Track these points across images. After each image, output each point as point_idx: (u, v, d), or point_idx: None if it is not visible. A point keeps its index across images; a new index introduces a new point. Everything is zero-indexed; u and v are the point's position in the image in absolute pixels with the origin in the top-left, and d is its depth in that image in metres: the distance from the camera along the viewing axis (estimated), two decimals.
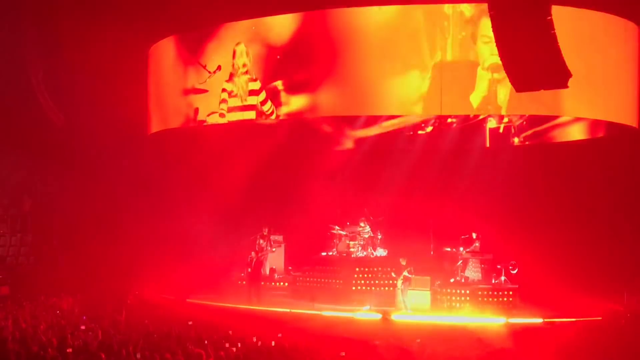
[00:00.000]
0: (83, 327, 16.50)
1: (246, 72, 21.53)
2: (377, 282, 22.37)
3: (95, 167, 24.71)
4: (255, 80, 21.41)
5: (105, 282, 22.84)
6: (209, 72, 22.08)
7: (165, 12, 22.67)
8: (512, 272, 20.79)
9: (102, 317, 18.20)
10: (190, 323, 17.26)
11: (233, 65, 21.73)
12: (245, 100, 21.60)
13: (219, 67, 21.93)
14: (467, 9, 19.98)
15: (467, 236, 21.76)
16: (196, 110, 22.63)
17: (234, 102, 21.85)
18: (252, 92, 21.53)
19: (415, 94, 20.20)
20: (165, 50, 23.56)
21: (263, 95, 21.26)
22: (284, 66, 21.04)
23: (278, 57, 21.00)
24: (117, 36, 23.28)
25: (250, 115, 21.60)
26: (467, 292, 20.48)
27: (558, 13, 17.37)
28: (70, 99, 24.79)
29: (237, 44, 21.65)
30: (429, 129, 24.36)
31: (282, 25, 21.09)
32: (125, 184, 24.86)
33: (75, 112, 24.77)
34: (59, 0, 23.54)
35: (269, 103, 21.21)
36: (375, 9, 20.27)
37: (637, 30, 21.27)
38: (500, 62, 14.93)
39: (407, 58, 20.17)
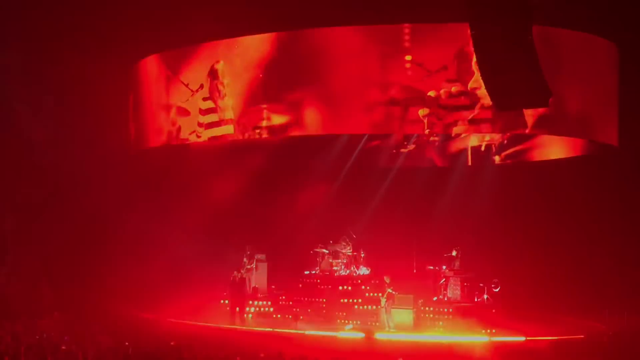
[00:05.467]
0: (64, 348, 16.35)
1: (224, 92, 21.55)
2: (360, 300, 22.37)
3: (78, 186, 24.58)
4: (231, 98, 21.45)
5: (87, 302, 22.68)
6: (192, 91, 22.08)
7: (147, 31, 22.69)
8: (494, 290, 20.81)
9: (83, 337, 18.04)
10: (172, 344, 17.14)
11: (213, 83, 21.76)
12: (223, 116, 21.63)
13: (202, 86, 21.94)
14: None
15: (449, 254, 21.78)
16: (179, 129, 22.61)
17: (210, 118, 21.87)
18: (227, 109, 21.56)
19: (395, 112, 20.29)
20: (147, 69, 23.54)
21: (237, 111, 21.33)
22: (265, 84, 21.07)
23: (260, 75, 21.04)
24: (99, 55, 23.26)
25: (228, 130, 21.61)
26: (450, 310, 20.47)
27: (539, 33, 17.57)
28: (53, 118, 24.69)
29: (217, 62, 21.67)
30: (411, 146, 24.46)
31: (263, 45, 21.14)
32: (108, 202, 24.73)
33: (58, 131, 24.67)
34: (41, 19, 23.48)
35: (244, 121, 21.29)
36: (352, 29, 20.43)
37: (616, 49, 21.48)
38: None
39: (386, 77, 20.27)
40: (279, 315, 23.04)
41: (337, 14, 20.52)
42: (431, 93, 19.80)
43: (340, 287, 22.29)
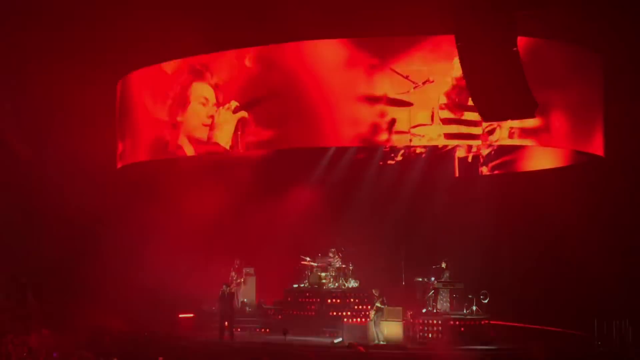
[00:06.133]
0: None
1: (210, 107, 21.57)
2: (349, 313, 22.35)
3: (64, 201, 24.51)
4: (216, 112, 21.46)
5: (75, 318, 22.57)
6: (178, 105, 22.07)
7: (132, 46, 22.72)
8: (483, 301, 20.84)
9: (71, 353, 17.95)
10: (160, 359, 17.09)
11: (199, 98, 21.79)
12: (210, 131, 21.64)
13: (188, 101, 21.93)
14: None
15: (438, 266, 21.80)
16: (166, 143, 22.59)
17: (198, 133, 21.88)
18: (214, 125, 21.57)
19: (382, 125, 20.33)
20: (135, 83, 23.52)
21: (224, 126, 21.36)
22: (252, 98, 21.10)
23: (247, 89, 21.06)
24: (85, 69, 23.27)
25: (216, 144, 21.64)
26: (439, 322, 20.46)
27: (524, 44, 17.69)
28: (37, 133, 24.66)
29: (203, 77, 21.69)
30: (399, 158, 24.49)
31: (247, 58, 21.18)
32: (95, 217, 24.68)
33: (43, 146, 24.63)
34: (25, 33, 23.47)
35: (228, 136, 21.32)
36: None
37: (601, 59, 21.61)
38: None
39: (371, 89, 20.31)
40: (267, 329, 23.01)
41: (322, 26, 20.60)
42: (417, 104, 19.88)
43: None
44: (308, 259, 23.82)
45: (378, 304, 20.45)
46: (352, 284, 23.19)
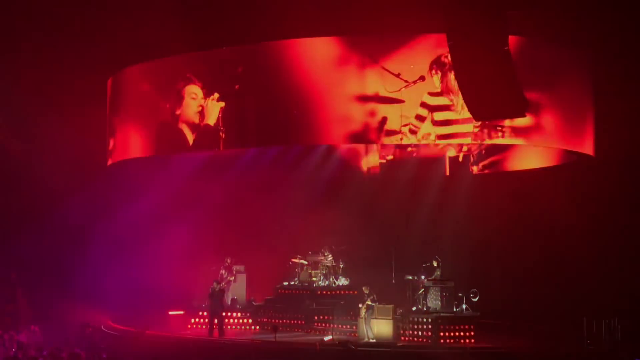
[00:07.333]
0: None
1: (203, 105, 21.55)
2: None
3: (54, 197, 24.45)
4: (204, 103, 21.47)
5: (65, 315, 22.53)
6: (171, 104, 22.05)
7: (124, 43, 22.68)
8: (473, 299, 20.88)
9: (61, 351, 17.89)
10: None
11: (191, 96, 21.77)
12: (204, 128, 21.63)
13: (181, 98, 21.90)
14: None
15: (428, 264, 21.83)
16: (157, 140, 22.54)
17: (190, 131, 21.88)
18: (204, 114, 21.57)
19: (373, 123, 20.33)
20: (125, 81, 23.45)
21: (217, 124, 21.38)
22: (242, 97, 21.09)
23: (237, 87, 21.04)
24: (77, 66, 23.22)
25: (212, 142, 21.63)
26: (429, 320, 20.50)
27: (514, 43, 17.72)
28: (27, 129, 24.59)
29: (194, 75, 21.68)
30: (390, 157, 24.50)
31: (239, 57, 21.18)
32: (86, 213, 24.61)
33: (33, 141, 24.58)
34: (17, 29, 23.41)
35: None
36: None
37: (591, 58, 21.65)
38: None
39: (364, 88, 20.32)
40: (257, 327, 23.03)
41: (314, 24, 20.60)
42: (409, 103, 19.88)
43: None
44: (299, 257, 23.83)
45: (368, 302, 20.48)
46: (342, 281, 23.22)
